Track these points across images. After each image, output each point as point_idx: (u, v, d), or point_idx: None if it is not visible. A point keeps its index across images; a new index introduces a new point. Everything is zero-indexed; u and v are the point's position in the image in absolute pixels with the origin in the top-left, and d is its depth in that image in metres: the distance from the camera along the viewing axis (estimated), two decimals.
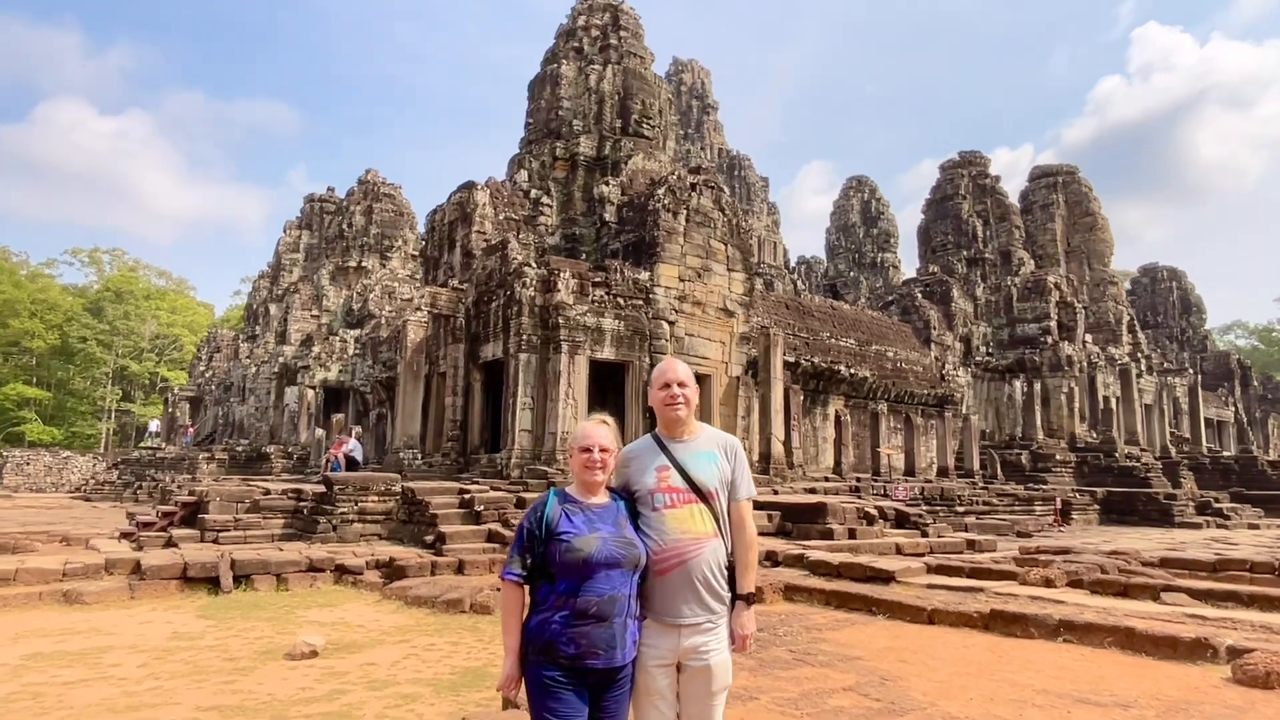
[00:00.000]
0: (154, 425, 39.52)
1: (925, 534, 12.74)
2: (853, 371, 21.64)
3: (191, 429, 35.21)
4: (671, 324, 15.62)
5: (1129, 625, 5.78)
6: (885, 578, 8.18)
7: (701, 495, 2.35)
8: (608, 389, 15.35)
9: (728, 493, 2.42)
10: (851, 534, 11.66)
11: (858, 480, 19.31)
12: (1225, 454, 34.04)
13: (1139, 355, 33.82)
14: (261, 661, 5.55)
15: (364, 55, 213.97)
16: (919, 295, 29.21)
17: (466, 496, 11.53)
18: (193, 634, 6.47)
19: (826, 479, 18.72)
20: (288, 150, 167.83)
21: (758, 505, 11.62)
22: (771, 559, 9.44)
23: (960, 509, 19.50)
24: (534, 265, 14.72)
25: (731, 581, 2.36)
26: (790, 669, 5.01)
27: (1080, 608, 6.62)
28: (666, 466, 2.37)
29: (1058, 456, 26.84)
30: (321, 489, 11.83)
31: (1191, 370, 38.85)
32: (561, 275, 14.57)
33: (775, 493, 14.59)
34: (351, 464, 14.94)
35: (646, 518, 2.33)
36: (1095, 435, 29.10)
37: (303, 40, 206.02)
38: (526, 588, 2.25)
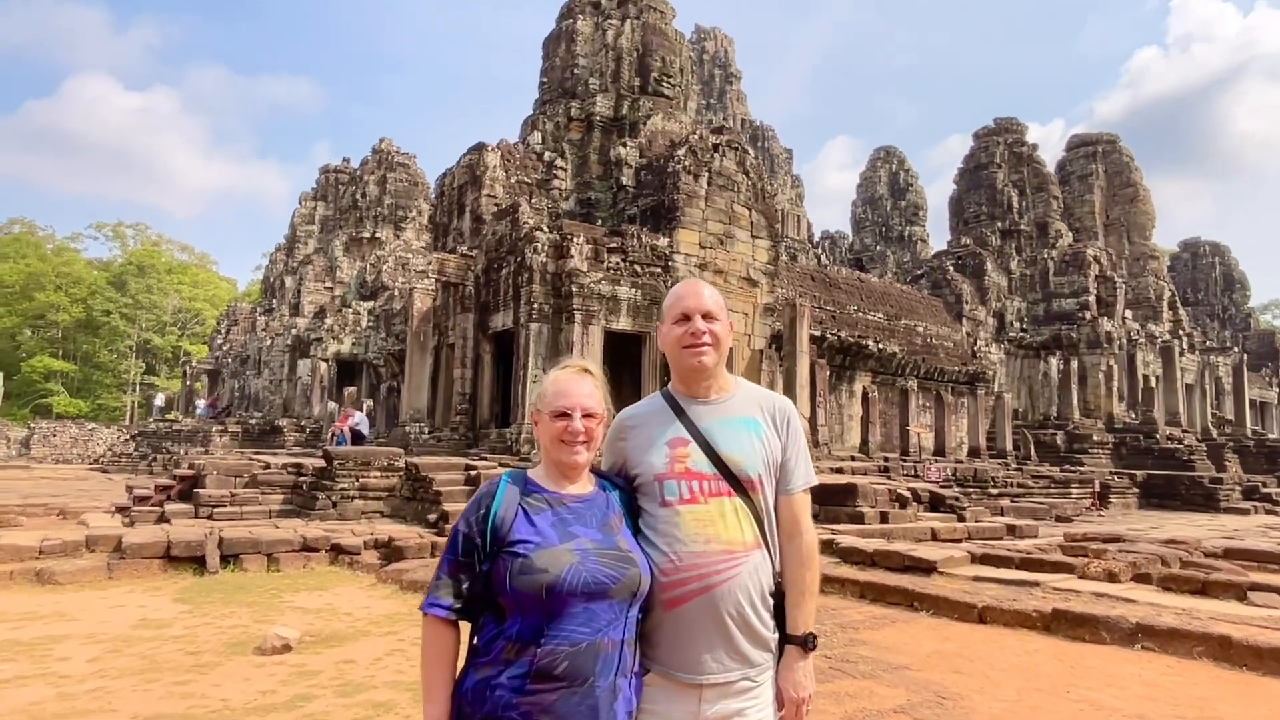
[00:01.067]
0: (159, 399, 39.71)
1: (962, 518, 11.94)
2: (881, 347, 20.68)
3: (213, 400, 35.11)
4: None
5: (1222, 632, 4.98)
6: (926, 568, 7.42)
7: (737, 484, 1.53)
8: (623, 362, 14.61)
9: (775, 480, 1.59)
10: (883, 517, 10.90)
11: (886, 460, 18.46)
12: (1270, 436, 32.62)
13: (1180, 333, 32.33)
14: (228, 656, 4.95)
15: (388, 29, 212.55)
16: (950, 268, 27.98)
17: (473, 473, 10.91)
18: (162, 621, 5.91)
19: (853, 458, 17.92)
20: (312, 126, 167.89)
21: None
22: None
23: (994, 491, 18.62)
24: (546, 230, 13.92)
25: (780, 616, 1.55)
26: (828, 681, 4.28)
27: (1156, 608, 5.81)
28: (684, 439, 1.56)
29: (1094, 437, 25.69)
30: (322, 464, 11.29)
31: (1236, 349, 37.23)
32: (575, 241, 13.77)
33: None
34: (358, 438, 14.46)
35: (652, 518, 1.53)
36: (1134, 416, 27.87)
37: (327, 15, 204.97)
38: (465, 625, 1.46)
